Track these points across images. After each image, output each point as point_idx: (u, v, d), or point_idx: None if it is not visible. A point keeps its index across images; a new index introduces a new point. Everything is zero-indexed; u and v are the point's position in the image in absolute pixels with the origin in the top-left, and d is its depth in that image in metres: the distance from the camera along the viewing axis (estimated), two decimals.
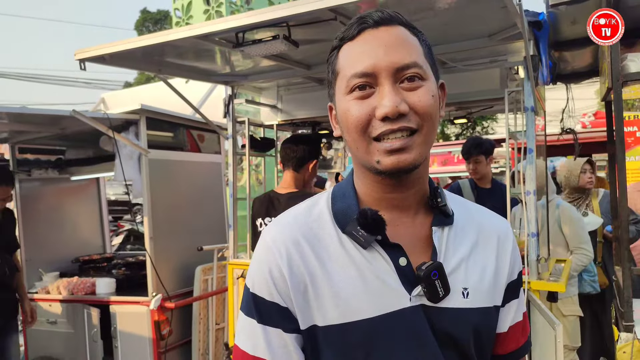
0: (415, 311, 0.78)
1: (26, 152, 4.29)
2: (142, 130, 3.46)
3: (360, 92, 0.77)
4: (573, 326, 3.27)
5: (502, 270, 0.88)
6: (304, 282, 0.79)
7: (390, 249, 0.80)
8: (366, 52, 0.77)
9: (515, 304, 0.91)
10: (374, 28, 0.78)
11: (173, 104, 3.83)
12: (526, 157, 2.58)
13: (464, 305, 0.81)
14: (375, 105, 0.76)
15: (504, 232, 0.91)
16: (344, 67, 0.80)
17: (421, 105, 0.76)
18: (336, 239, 0.81)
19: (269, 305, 0.79)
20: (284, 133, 4.67)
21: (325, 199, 0.88)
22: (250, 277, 0.83)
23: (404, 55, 0.77)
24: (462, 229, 0.87)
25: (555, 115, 16.44)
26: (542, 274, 2.53)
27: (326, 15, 2.16)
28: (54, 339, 3.78)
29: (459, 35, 2.65)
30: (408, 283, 0.79)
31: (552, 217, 3.30)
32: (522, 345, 0.94)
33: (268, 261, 0.80)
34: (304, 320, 0.79)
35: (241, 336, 0.83)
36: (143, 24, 27.56)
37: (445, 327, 0.79)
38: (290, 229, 0.83)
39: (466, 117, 4.05)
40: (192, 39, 2.38)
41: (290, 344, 0.79)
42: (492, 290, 0.85)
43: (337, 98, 0.82)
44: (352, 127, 0.78)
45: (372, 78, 0.76)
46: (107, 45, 2.52)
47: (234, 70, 3.27)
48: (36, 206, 4.21)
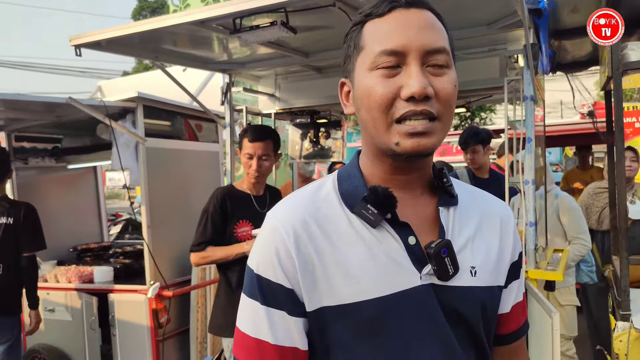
0: (425, 289, 0.79)
1: (22, 140, 4.26)
2: (139, 118, 3.43)
3: (386, 70, 0.76)
4: (570, 316, 3.29)
5: (505, 252, 0.89)
6: (312, 262, 0.78)
7: (399, 228, 0.80)
8: (398, 31, 0.76)
9: (517, 284, 0.93)
10: (405, 8, 0.77)
11: (171, 93, 3.80)
12: (525, 146, 2.58)
13: (473, 283, 0.82)
14: (401, 84, 0.75)
15: (505, 215, 0.92)
16: (370, 42, 0.78)
17: (445, 92, 0.76)
18: (345, 218, 0.81)
19: (274, 287, 0.78)
20: (282, 122, 4.65)
21: (332, 181, 0.87)
22: (255, 258, 0.82)
23: (435, 39, 0.77)
24: (466, 210, 0.88)
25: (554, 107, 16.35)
26: (539, 263, 2.53)
27: (324, 1, 2.14)
28: (51, 327, 3.78)
29: (459, 23, 2.63)
30: (418, 262, 0.79)
31: (550, 207, 3.30)
32: (523, 324, 0.96)
33: (275, 241, 0.79)
34: (311, 302, 0.78)
35: (242, 318, 0.82)
36: (140, 13, 27.35)
37: (454, 305, 0.80)
38: (297, 209, 0.82)
39: (465, 107, 4.04)
40: (188, 25, 2.36)
41: (293, 327, 0.78)
42: (496, 270, 0.86)
43: (358, 74, 0.80)
44: (375, 105, 0.76)
45: (401, 57, 0.75)
46: (103, 31, 2.50)
47: (231, 57, 3.24)
48: (33, 195, 4.19)
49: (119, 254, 4.21)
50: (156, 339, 3.40)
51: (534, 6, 2.52)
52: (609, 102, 3.12)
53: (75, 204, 4.72)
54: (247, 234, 2.47)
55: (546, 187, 3.21)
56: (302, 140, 4.43)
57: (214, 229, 2.45)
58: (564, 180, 6.13)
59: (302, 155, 4.47)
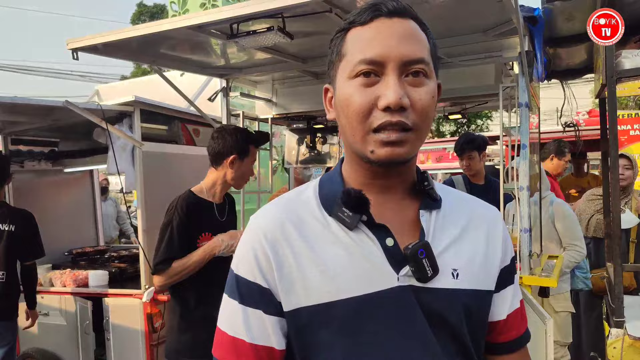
0: (403, 291, 0.79)
1: (19, 143, 4.25)
2: (136, 122, 3.43)
3: (365, 79, 0.77)
4: (564, 322, 3.29)
5: (493, 255, 0.88)
6: (289, 263, 0.79)
7: (377, 229, 0.81)
8: (377, 40, 0.77)
9: (511, 289, 0.92)
10: (387, 17, 0.78)
11: (168, 97, 3.81)
12: (520, 153, 2.59)
13: (454, 285, 0.82)
14: (379, 94, 0.76)
15: (493, 219, 0.92)
16: (351, 51, 0.79)
17: (421, 104, 0.77)
18: (323, 221, 0.83)
19: (251, 286, 0.81)
20: (278, 127, 4.66)
21: (313, 186, 0.89)
22: (235, 259, 0.85)
23: (414, 49, 0.77)
24: (450, 213, 0.88)
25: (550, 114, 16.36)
26: (534, 269, 2.54)
27: (321, 7, 2.15)
28: (45, 331, 3.76)
29: (454, 30, 2.65)
30: (395, 263, 0.80)
31: (545, 213, 3.31)
32: (524, 333, 0.95)
33: (252, 242, 0.82)
34: (288, 302, 0.79)
35: (222, 317, 0.84)
36: (139, 18, 27.39)
37: (435, 307, 0.80)
38: (276, 212, 0.85)
39: (460, 113, 4.06)
40: (186, 29, 2.37)
41: (269, 327, 0.80)
42: (483, 274, 0.86)
43: (339, 81, 0.82)
44: (353, 114, 0.78)
45: (380, 67, 0.77)
46: (100, 35, 2.50)
47: (229, 62, 3.26)
48: (29, 198, 4.18)
49: (115, 258, 4.20)
50: (150, 343, 3.38)
51: (529, 14, 2.54)
52: (604, 110, 3.15)
53: (71, 208, 4.70)
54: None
55: (541, 194, 3.23)
56: (299, 145, 4.44)
57: (180, 244, 2.19)
58: (560, 186, 6.14)
59: (299, 160, 4.48)
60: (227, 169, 2.40)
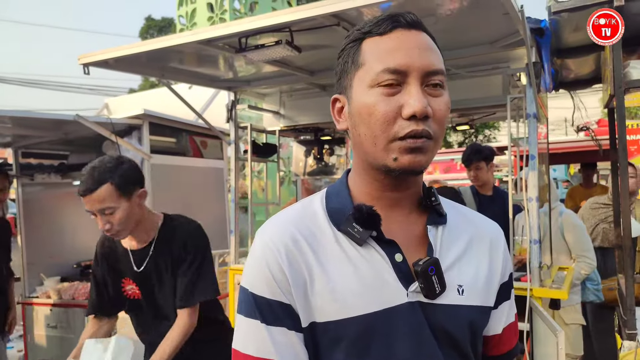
0: (412, 307, 0.78)
1: (29, 156, 4.29)
2: (145, 135, 3.47)
3: (386, 88, 0.77)
4: (575, 335, 3.25)
5: (494, 272, 0.89)
6: (304, 277, 0.78)
7: (386, 245, 0.81)
8: (401, 50, 0.77)
9: (508, 305, 0.93)
10: (406, 29, 0.79)
11: (176, 110, 3.84)
12: (528, 163, 2.58)
13: (460, 302, 0.82)
14: (402, 103, 0.76)
15: (495, 235, 0.92)
16: (371, 60, 0.79)
17: (440, 113, 0.78)
18: (332, 236, 0.81)
19: (272, 304, 0.78)
20: (286, 139, 4.68)
21: (319, 199, 0.88)
22: (248, 277, 0.82)
23: (434, 60, 0.79)
24: (455, 229, 0.88)
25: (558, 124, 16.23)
26: (544, 281, 2.52)
27: (329, 21, 2.17)
28: (54, 344, 3.76)
29: (461, 42, 2.66)
30: (404, 279, 0.79)
31: (554, 224, 3.29)
32: (515, 345, 0.95)
33: (267, 259, 0.79)
34: (304, 317, 0.78)
35: (242, 339, 0.80)
36: (147, 31, 27.73)
37: (442, 323, 0.80)
38: (287, 225, 0.82)
39: (468, 124, 4.06)
40: (195, 44, 2.40)
41: (296, 342, 0.78)
42: (485, 291, 0.86)
43: (357, 90, 0.80)
44: (377, 123, 0.77)
45: (403, 76, 0.77)
46: (111, 50, 2.54)
47: (237, 76, 3.29)
48: (38, 211, 4.22)
49: None
50: None
51: (536, 25, 2.55)
52: (612, 120, 3.13)
53: (80, 220, 4.72)
54: (136, 292, 1.91)
55: (550, 205, 3.21)
56: (306, 157, 4.45)
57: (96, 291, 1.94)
58: (569, 197, 6.11)
59: (306, 172, 4.49)
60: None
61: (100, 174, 1.72)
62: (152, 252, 1.87)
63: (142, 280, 1.89)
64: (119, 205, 1.75)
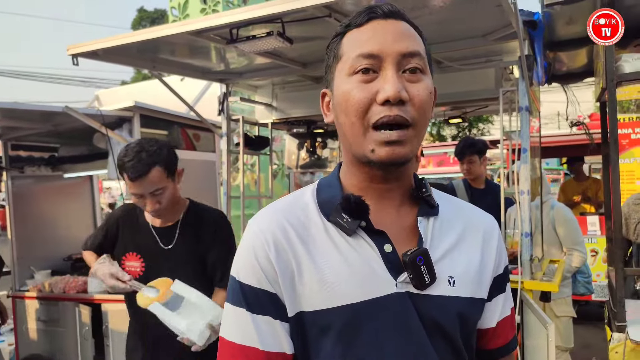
0: (401, 297, 0.79)
1: (19, 149, 4.25)
2: (135, 127, 3.43)
3: (363, 75, 0.78)
4: (566, 327, 3.28)
5: (487, 264, 0.88)
6: (291, 267, 0.79)
7: (375, 235, 0.81)
8: (374, 38, 0.78)
9: (502, 298, 0.92)
10: (382, 19, 0.80)
11: (168, 102, 3.81)
12: (520, 157, 2.59)
13: (451, 293, 0.81)
14: (378, 89, 0.76)
15: (489, 227, 0.92)
16: (348, 50, 0.81)
17: (419, 98, 0.78)
18: (321, 227, 0.82)
19: (258, 293, 0.79)
20: (279, 132, 4.66)
21: (311, 190, 0.88)
22: (236, 266, 0.83)
23: (409, 44, 0.79)
24: (447, 221, 0.88)
25: (551, 118, 16.25)
26: (535, 273, 2.53)
27: (320, 12, 2.15)
28: (45, 338, 3.74)
29: (454, 34, 2.65)
30: (394, 270, 0.79)
31: (546, 217, 3.30)
32: (511, 340, 0.95)
33: (254, 248, 0.80)
34: (291, 307, 0.79)
35: (227, 327, 0.81)
36: (140, 23, 27.49)
37: (432, 314, 0.80)
38: (277, 216, 0.83)
39: (461, 117, 4.06)
40: (186, 35, 2.37)
41: (280, 332, 0.79)
42: (477, 282, 0.86)
43: (337, 81, 0.82)
44: (353, 109, 0.78)
45: (378, 61, 0.77)
46: (100, 41, 2.51)
47: (228, 67, 3.26)
48: (28, 203, 4.18)
49: None
50: None
51: (529, 18, 2.54)
52: (604, 113, 3.14)
53: (71, 213, 4.70)
54: (135, 271, 1.94)
55: (542, 198, 3.22)
56: (299, 150, 4.44)
57: (98, 243, 2.05)
58: (562, 192, 6.13)
59: (299, 165, 4.48)
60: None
61: (148, 158, 1.80)
62: (179, 232, 1.96)
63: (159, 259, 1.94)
64: (167, 185, 1.86)
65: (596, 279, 5.04)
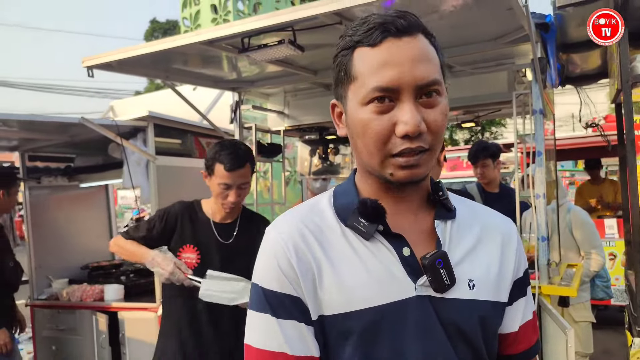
0: (421, 301, 0.78)
1: (36, 159, 4.32)
2: (150, 137, 3.47)
3: (379, 104, 0.77)
4: (585, 332, 3.22)
5: (507, 267, 0.88)
6: (312, 271, 0.79)
7: (393, 239, 0.81)
8: (390, 65, 0.76)
9: (524, 301, 0.91)
10: (396, 37, 0.77)
11: (181, 111, 3.85)
12: (535, 160, 2.56)
13: (471, 296, 0.81)
14: (395, 121, 0.76)
15: (508, 230, 0.91)
16: (363, 74, 0.78)
17: (436, 125, 0.78)
18: (339, 232, 0.82)
19: (281, 297, 0.79)
20: (291, 139, 4.67)
21: (327, 197, 0.89)
22: (258, 272, 0.83)
23: (427, 71, 0.77)
24: (465, 224, 0.87)
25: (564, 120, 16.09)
26: (552, 278, 2.49)
27: (331, 19, 2.16)
28: (62, 346, 3.78)
29: (465, 38, 2.64)
30: (413, 273, 0.79)
31: (562, 221, 3.26)
32: (534, 344, 0.93)
33: (275, 253, 0.80)
34: (314, 310, 0.79)
35: (254, 334, 0.81)
36: (152, 34, 27.86)
37: (452, 317, 0.79)
38: (295, 221, 0.84)
39: (474, 121, 4.03)
40: (198, 45, 2.39)
41: (306, 335, 0.79)
42: (497, 286, 0.85)
43: (351, 105, 0.81)
44: (371, 141, 0.78)
45: (394, 93, 0.76)
46: (114, 52, 2.54)
47: (240, 76, 3.28)
48: (45, 213, 4.24)
49: (130, 272, 4.22)
50: None
51: (541, 20, 2.53)
52: (620, 115, 3.10)
53: (87, 222, 4.75)
54: (191, 262, 2.08)
55: (558, 201, 3.18)
56: (311, 156, 4.44)
57: (147, 234, 2.13)
58: (578, 194, 6.05)
59: (312, 171, 4.48)
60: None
61: (243, 154, 2.02)
62: (238, 229, 2.15)
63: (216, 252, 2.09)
64: (250, 181, 2.09)
65: (615, 282, 4.95)
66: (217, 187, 2.02)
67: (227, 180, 1.99)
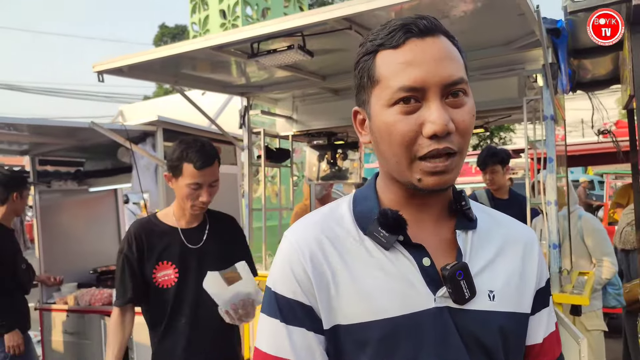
0: (440, 312, 0.77)
1: (46, 164, 4.35)
2: (159, 141, 3.49)
3: (405, 106, 0.75)
4: (597, 341, 3.17)
5: (529, 277, 0.86)
6: (327, 280, 0.78)
7: (413, 249, 0.79)
8: (415, 65, 0.74)
9: (546, 312, 0.89)
10: (419, 38, 0.75)
11: (190, 116, 3.86)
12: (546, 166, 2.53)
13: (491, 308, 0.79)
14: (422, 121, 0.74)
15: (529, 240, 0.89)
16: (387, 76, 0.76)
17: (464, 125, 0.76)
18: (358, 239, 0.81)
19: (292, 304, 0.79)
20: (299, 144, 4.67)
21: (347, 202, 0.87)
22: (272, 276, 0.82)
23: (453, 70, 0.75)
24: (486, 234, 0.86)
25: (575, 126, 15.94)
26: (564, 286, 2.46)
27: (340, 24, 2.16)
28: (71, 350, 3.79)
29: (476, 43, 2.62)
30: (432, 284, 0.78)
31: (574, 228, 3.22)
32: (558, 357, 0.91)
33: (291, 259, 0.80)
34: (327, 320, 0.78)
35: (262, 338, 0.81)
36: (161, 39, 28.06)
37: (471, 329, 0.78)
38: (313, 228, 0.82)
39: (483, 127, 4.00)
40: (208, 50, 2.40)
41: (314, 344, 0.78)
42: (519, 296, 0.84)
43: (375, 108, 0.79)
44: (397, 143, 0.76)
45: (420, 92, 0.74)
46: (124, 57, 2.56)
47: (249, 81, 3.29)
48: (55, 217, 4.27)
49: None
50: None
51: (552, 26, 2.51)
52: (632, 121, 3.06)
53: (96, 226, 4.78)
54: (170, 278, 1.93)
55: (569, 208, 3.14)
56: (320, 161, 4.43)
57: (133, 280, 1.93)
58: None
59: (320, 176, 4.47)
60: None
61: (211, 151, 1.93)
62: (208, 231, 2.03)
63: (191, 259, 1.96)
64: (218, 179, 1.98)
65: None
66: (186, 189, 1.89)
67: (198, 180, 1.87)
